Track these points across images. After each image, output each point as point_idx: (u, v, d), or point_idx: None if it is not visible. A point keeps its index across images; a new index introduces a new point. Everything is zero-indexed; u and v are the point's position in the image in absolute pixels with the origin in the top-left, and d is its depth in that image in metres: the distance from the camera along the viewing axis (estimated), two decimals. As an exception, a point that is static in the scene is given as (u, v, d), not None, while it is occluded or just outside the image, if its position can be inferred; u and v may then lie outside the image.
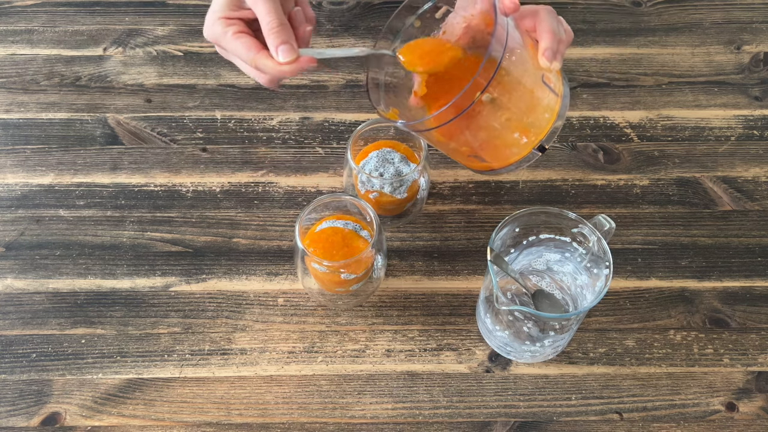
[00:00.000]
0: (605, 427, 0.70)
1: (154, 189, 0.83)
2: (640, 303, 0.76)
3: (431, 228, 0.81)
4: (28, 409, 0.71)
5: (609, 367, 0.73)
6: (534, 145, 0.65)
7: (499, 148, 0.66)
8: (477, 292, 0.77)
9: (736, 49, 0.94)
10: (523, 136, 0.64)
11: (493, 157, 0.67)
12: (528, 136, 0.64)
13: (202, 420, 0.70)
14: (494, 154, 0.67)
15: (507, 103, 0.61)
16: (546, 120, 0.64)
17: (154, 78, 0.92)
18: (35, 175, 0.84)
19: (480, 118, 0.61)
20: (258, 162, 0.85)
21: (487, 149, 0.66)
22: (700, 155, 0.86)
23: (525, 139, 0.65)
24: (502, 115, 0.62)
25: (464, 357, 0.73)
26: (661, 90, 0.90)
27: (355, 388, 0.72)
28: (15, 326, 0.75)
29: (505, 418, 0.71)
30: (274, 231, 0.81)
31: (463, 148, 0.65)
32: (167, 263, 0.79)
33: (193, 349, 0.74)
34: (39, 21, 0.96)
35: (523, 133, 0.64)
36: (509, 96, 0.61)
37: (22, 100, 0.90)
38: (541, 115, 0.64)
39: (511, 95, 0.61)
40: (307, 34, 0.65)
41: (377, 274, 0.75)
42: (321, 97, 0.90)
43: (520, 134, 0.64)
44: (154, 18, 0.97)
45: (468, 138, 0.64)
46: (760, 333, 0.75)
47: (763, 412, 0.71)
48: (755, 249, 0.79)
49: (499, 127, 0.63)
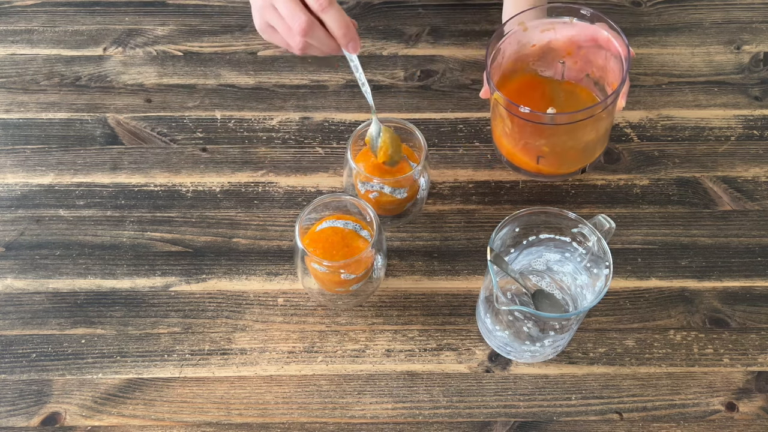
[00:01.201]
0: (605, 427, 0.70)
1: (154, 189, 0.83)
2: (640, 303, 0.76)
3: (431, 228, 0.81)
4: (28, 409, 0.71)
5: (609, 367, 0.73)
6: (582, 167, 0.81)
7: (565, 159, 0.80)
8: (477, 292, 0.77)
9: (736, 49, 0.94)
10: (585, 156, 0.80)
11: (555, 163, 0.80)
12: (586, 158, 0.80)
13: (202, 420, 0.70)
14: (557, 162, 0.80)
15: (600, 127, 0.76)
16: (599, 149, 0.81)
17: (154, 78, 0.92)
18: (35, 175, 0.84)
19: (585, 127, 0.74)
20: (258, 162, 0.85)
21: (559, 156, 0.79)
22: (700, 155, 0.86)
23: (583, 160, 0.80)
24: (592, 133, 0.76)
25: (464, 357, 0.73)
26: (661, 90, 0.90)
27: (355, 388, 0.72)
28: (15, 326, 0.75)
29: (505, 418, 0.71)
30: (274, 231, 0.81)
31: (544, 148, 0.78)
32: (167, 263, 0.79)
33: (193, 349, 0.74)
34: (39, 21, 0.96)
35: (586, 154, 0.80)
36: (604, 123, 0.76)
37: (22, 100, 0.90)
38: (601, 144, 0.80)
39: (608, 118, 0.76)
40: None
41: (377, 274, 0.75)
42: (321, 97, 0.90)
43: (584, 155, 0.80)
44: (154, 18, 0.97)
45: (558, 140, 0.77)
46: (760, 333, 0.75)
47: (763, 412, 0.71)
48: (755, 249, 0.79)
49: (582, 141, 0.77)
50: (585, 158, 0.80)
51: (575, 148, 0.78)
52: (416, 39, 0.94)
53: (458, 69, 0.92)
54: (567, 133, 0.75)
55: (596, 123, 0.74)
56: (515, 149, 0.80)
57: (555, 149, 0.78)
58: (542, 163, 0.80)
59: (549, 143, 0.77)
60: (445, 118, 0.88)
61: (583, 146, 0.78)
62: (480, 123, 0.88)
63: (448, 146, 0.86)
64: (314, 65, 0.92)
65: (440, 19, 0.96)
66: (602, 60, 0.77)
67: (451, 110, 0.89)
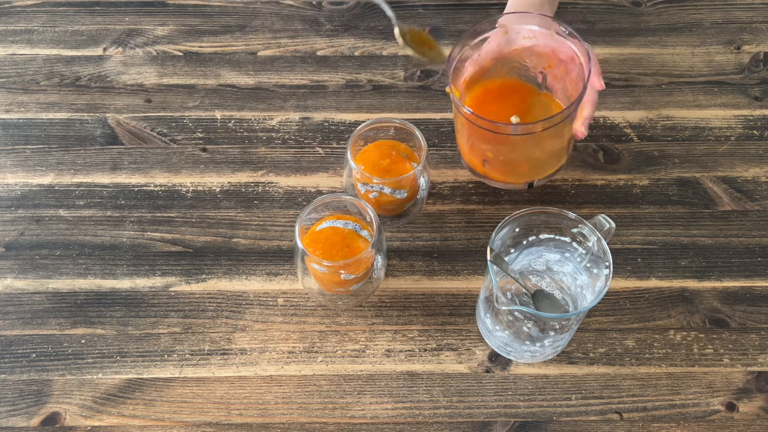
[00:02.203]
0: (605, 427, 0.70)
1: (154, 189, 0.83)
2: (640, 303, 0.76)
3: (431, 228, 0.81)
4: (28, 409, 0.71)
5: (609, 367, 0.73)
6: (528, 180, 0.80)
7: (511, 168, 0.79)
8: (477, 292, 0.77)
9: (736, 49, 0.94)
10: (532, 172, 0.79)
11: (500, 171, 0.79)
12: (533, 174, 0.79)
13: (202, 420, 0.70)
14: (502, 170, 0.79)
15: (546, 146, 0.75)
16: (551, 167, 0.79)
17: (154, 78, 0.92)
18: (35, 175, 0.84)
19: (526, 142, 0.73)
20: (258, 162, 0.85)
21: (502, 165, 0.78)
22: (700, 155, 0.86)
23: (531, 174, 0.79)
24: (537, 150, 0.75)
25: (464, 357, 0.73)
26: (661, 90, 0.90)
27: (355, 388, 0.72)
28: (15, 326, 0.75)
29: (505, 418, 0.71)
30: (274, 231, 0.81)
31: (488, 153, 0.77)
32: (167, 263, 0.79)
33: (193, 349, 0.74)
34: (39, 21, 0.96)
35: (533, 169, 0.78)
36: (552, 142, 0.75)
37: (22, 100, 0.90)
38: (552, 163, 0.79)
39: (555, 139, 0.75)
40: None
41: (377, 274, 0.75)
42: (321, 97, 0.90)
43: (530, 169, 0.78)
44: (154, 18, 0.97)
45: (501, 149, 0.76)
46: (760, 333, 0.75)
47: (763, 412, 0.71)
48: (755, 249, 0.79)
49: (527, 156, 0.76)
50: (531, 173, 0.79)
51: (518, 161, 0.77)
52: (416, 39, 0.94)
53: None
54: (510, 144, 0.74)
55: (541, 141, 0.73)
56: (465, 148, 0.79)
57: (498, 157, 0.77)
58: (487, 167, 0.79)
59: (492, 150, 0.76)
60: (445, 118, 0.88)
61: (529, 161, 0.77)
62: (480, 123, 0.88)
63: (448, 146, 0.86)
64: (314, 66, 0.92)
65: (440, 19, 0.97)
66: (576, 76, 0.75)
67: (451, 110, 0.89)
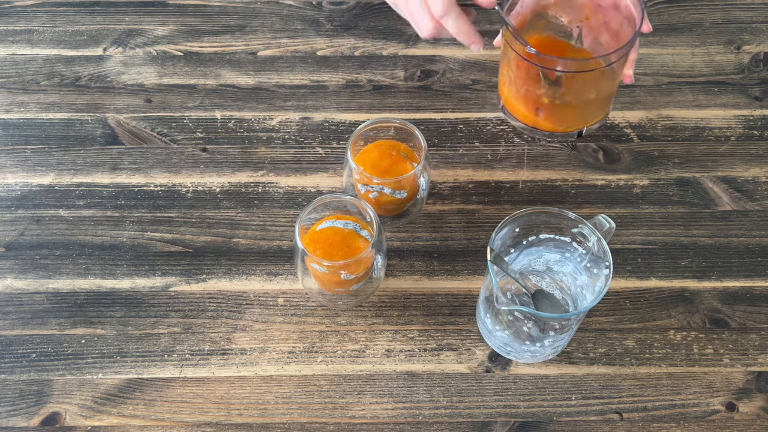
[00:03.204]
0: (605, 427, 0.70)
1: (154, 189, 0.83)
2: (640, 303, 0.76)
3: (431, 228, 0.81)
4: (28, 409, 0.71)
5: (609, 367, 0.73)
6: (579, 128, 0.82)
7: (564, 115, 0.81)
8: (477, 292, 0.77)
9: (736, 49, 0.94)
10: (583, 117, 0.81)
11: (553, 118, 0.81)
12: (584, 120, 0.81)
13: (202, 420, 0.70)
14: (555, 117, 0.81)
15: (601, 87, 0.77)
16: (599, 114, 0.82)
17: (154, 78, 0.92)
18: (35, 175, 0.84)
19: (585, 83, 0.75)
20: (258, 162, 0.85)
21: (557, 111, 0.80)
22: (700, 155, 0.86)
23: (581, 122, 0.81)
24: (593, 92, 0.77)
25: (464, 357, 0.73)
26: (661, 90, 0.90)
27: (355, 388, 0.72)
28: (15, 326, 0.75)
29: (505, 418, 0.71)
30: (274, 231, 0.81)
31: (544, 98, 0.78)
32: (167, 263, 0.79)
33: (193, 349, 0.74)
34: (39, 21, 0.96)
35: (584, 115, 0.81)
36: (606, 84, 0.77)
37: (22, 100, 0.90)
38: (601, 109, 0.81)
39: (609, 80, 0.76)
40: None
41: (377, 274, 0.75)
42: (321, 97, 0.90)
43: (582, 115, 0.80)
44: (154, 18, 0.97)
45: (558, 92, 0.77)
46: (760, 333, 0.75)
47: (763, 412, 0.71)
48: (755, 249, 0.79)
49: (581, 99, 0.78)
50: (583, 120, 0.81)
51: (573, 105, 0.79)
52: (416, 39, 0.94)
53: (458, 69, 0.92)
54: (567, 85, 0.76)
55: (598, 81, 0.75)
56: (516, 97, 0.80)
57: (554, 102, 0.78)
58: (540, 116, 0.80)
59: (549, 94, 0.77)
60: (445, 118, 0.88)
61: (583, 104, 0.79)
62: (480, 123, 0.88)
63: (448, 146, 0.86)
64: (314, 66, 0.92)
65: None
66: (617, 25, 0.77)
67: (451, 110, 0.89)
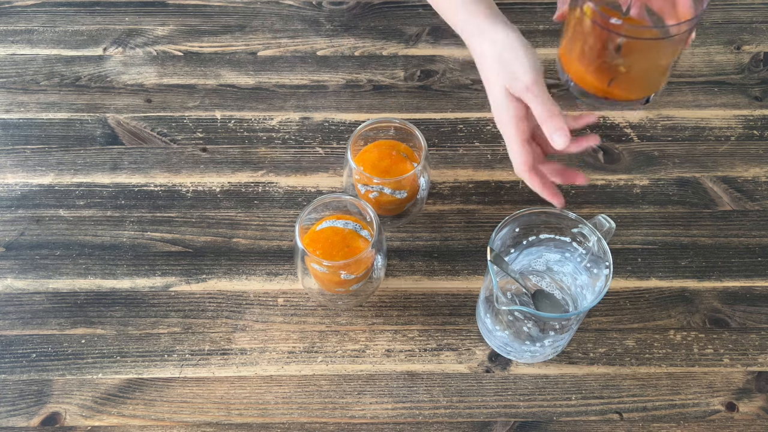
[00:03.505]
0: (605, 427, 0.70)
1: (154, 189, 0.83)
2: (640, 303, 0.76)
3: (431, 228, 0.81)
4: (28, 409, 0.71)
5: (609, 367, 0.73)
6: (648, 95, 0.85)
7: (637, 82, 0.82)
8: (477, 292, 0.77)
9: (736, 49, 0.94)
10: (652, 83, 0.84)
11: (626, 87, 0.82)
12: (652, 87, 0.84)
13: (202, 420, 0.70)
14: (629, 85, 0.82)
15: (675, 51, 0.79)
16: (665, 80, 0.84)
17: (154, 78, 0.92)
18: (35, 175, 0.84)
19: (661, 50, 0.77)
20: (258, 162, 0.85)
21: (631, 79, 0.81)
22: (700, 155, 0.86)
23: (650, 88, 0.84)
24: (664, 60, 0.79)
25: (464, 357, 0.73)
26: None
27: (355, 388, 0.72)
28: (15, 326, 0.75)
29: (505, 418, 0.71)
30: (274, 231, 0.81)
31: (621, 68, 0.79)
32: (167, 263, 0.79)
33: (193, 349, 0.74)
34: (39, 21, 0.96)
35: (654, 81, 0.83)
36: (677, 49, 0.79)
37: (22, 100, 0.90)
38: (667, 74, 0.83)
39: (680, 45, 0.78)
40: None
41: (377, 274, 0.75)
42: (321, 97, 0.90)
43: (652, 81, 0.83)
44: (154, 18, 0.97)
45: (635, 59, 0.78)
46: (760, 333, 0.75)
47: (763, 412, 0.71)
48: (755, 249, 0.79)
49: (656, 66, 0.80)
50: (652, 86, 0.83)
51: (649, 71, 0.80)
52: (416, 39, 0.94)
53: (458, 69, 0.92)
54: (645, 51, 0.77)
55: (674, 46, 0.77)
56: (588, 70, 0.80)
57: (631, 70, 0.79)
58: (613, 86, 0.80)
59: (626, 63, 0.78)
60: (445, 118, 0.88)
61: (656, 70, 0.80)
62: (480, 123, 0.88)
63: (448, 146, 0.86)
64: (314, 66, 0.92)
65: (440, 19, 0.96)
66: None
67: (451, 110, 0.89)
